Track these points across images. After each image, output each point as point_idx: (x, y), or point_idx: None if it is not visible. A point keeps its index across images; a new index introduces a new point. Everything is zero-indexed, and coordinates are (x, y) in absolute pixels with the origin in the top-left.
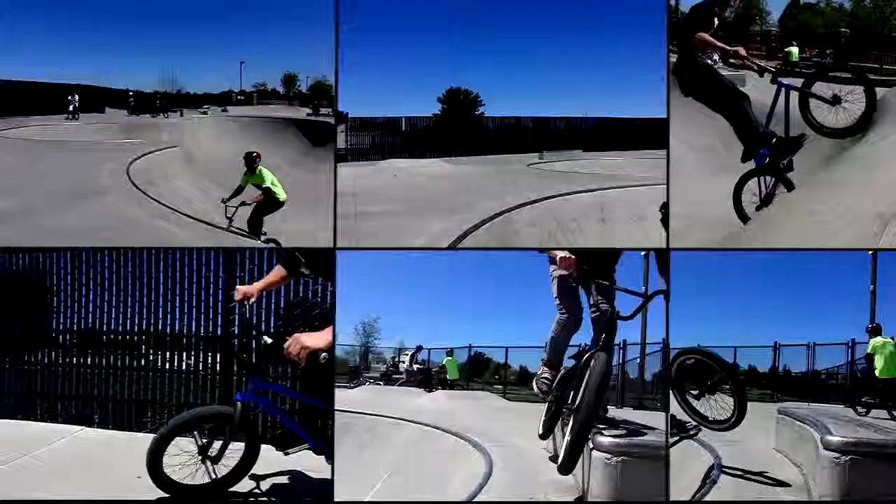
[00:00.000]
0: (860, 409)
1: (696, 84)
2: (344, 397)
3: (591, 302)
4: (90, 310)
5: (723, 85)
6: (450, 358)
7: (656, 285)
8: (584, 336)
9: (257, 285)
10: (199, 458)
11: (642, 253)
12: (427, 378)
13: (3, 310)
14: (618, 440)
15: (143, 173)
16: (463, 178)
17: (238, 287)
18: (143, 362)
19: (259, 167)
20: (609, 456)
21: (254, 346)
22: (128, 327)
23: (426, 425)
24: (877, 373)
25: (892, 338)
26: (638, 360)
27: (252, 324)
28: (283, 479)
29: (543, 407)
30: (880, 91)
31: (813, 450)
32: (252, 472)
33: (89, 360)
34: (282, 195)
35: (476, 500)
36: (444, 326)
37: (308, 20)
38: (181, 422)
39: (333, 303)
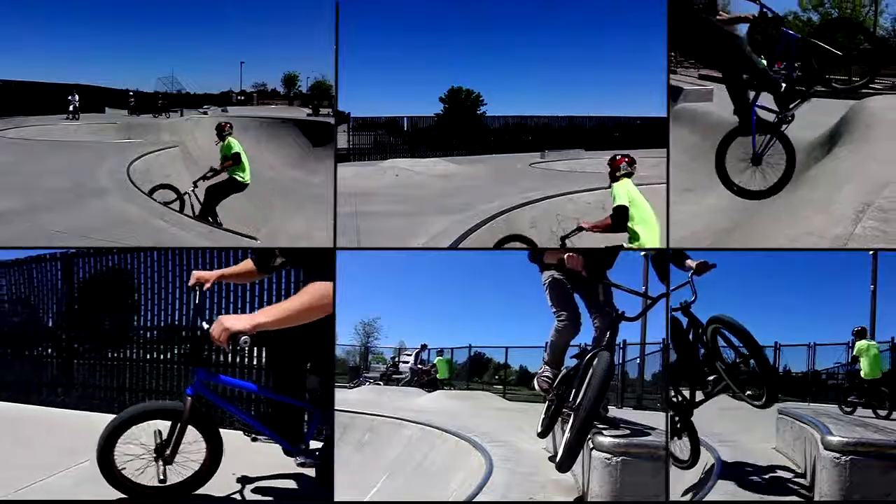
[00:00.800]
0: (846, 409)
1: (696, 43)
2: (344, 398)
3: (594, 302)
4: (176, 307)
5: (721, 34)
6: (440, 357)
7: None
8: (584, 336)
9: (215, 273)
10: (154, 457)
11: (642, 253)
12: (429, 378)
13: (93, 307)
14: (618, 440)
15: (143, 173)
16: (465, 178)
17: (195, 272)
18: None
19: (229, 138)
20: (609, 456)
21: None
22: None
23: (426, 425)
24: (862, 374)
25: None
26: (638, 361)
27: (203, 311)
28: (283, 480)
29: (543, 406)
30: (848, 103)
31: (813, 450)
32: (251, 472)
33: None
34: (246, 177)
35: (476, 500)
36: (444, 326)
37: (308, 21)
38: (127, 417)
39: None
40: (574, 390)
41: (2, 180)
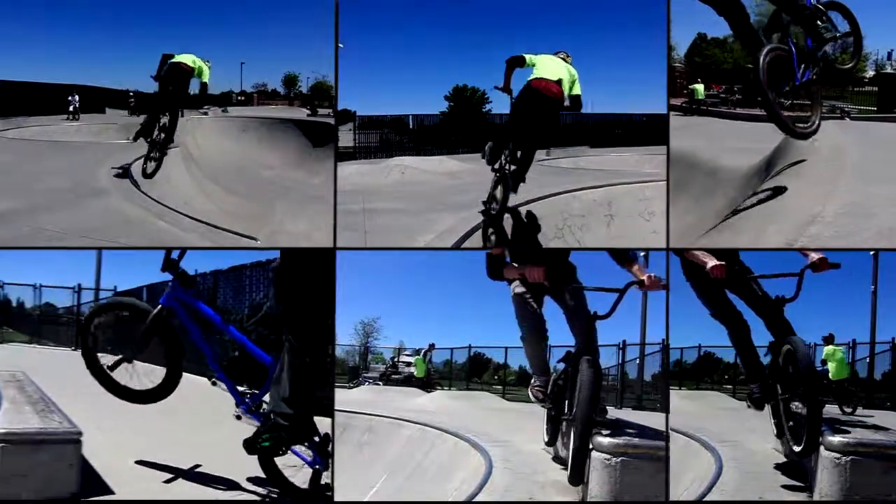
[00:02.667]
0: None
1: None
2: (344, 398)
3: (565, 308)
4: None
5: None
6: (418, 357)
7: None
8: (570, 337)
9: None
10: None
11: (642, 253)
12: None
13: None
14: (617, 440)
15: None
16: (470, 175)
17: None
18: None
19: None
20: (609, 456)
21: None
22: None
23: (425, 425)
24: (830, 375)
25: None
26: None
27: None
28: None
29: (544, 412)
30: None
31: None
32: (251, 473)
33: None
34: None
35: (476, 500)
36: (444, 326)
37: (309, 21)
38: (103, 304)
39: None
40: (567, 400)
41: (2, 180)
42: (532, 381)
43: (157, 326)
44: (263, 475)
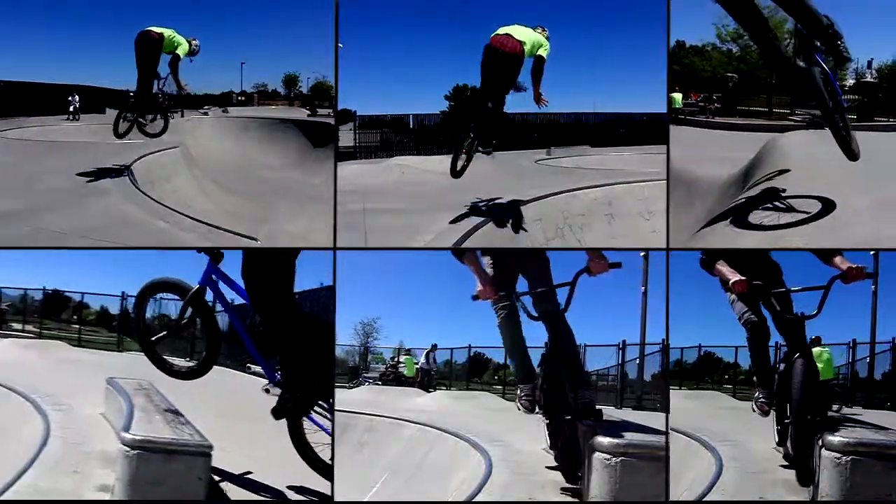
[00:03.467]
0: None
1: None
2: (343, 398)
3: (538, 311)
4: None
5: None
6: (408, 356)
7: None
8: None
9: None
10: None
11: (641, 254)
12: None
13: None
14: (617, 440)
15: (143, 174)
16: (471, 175)
17: None
18: None
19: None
20: (609, 456)
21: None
22: None
23: (425, 425)
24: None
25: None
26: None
27: None
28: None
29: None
30: (769, 134)
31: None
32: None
33: None
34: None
35: (476, 500)
36: (444, 326)
37: (309, 21)
38: (150, 283)
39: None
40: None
41: (2, 180)
42: (518, 391)
43: (195, 303)
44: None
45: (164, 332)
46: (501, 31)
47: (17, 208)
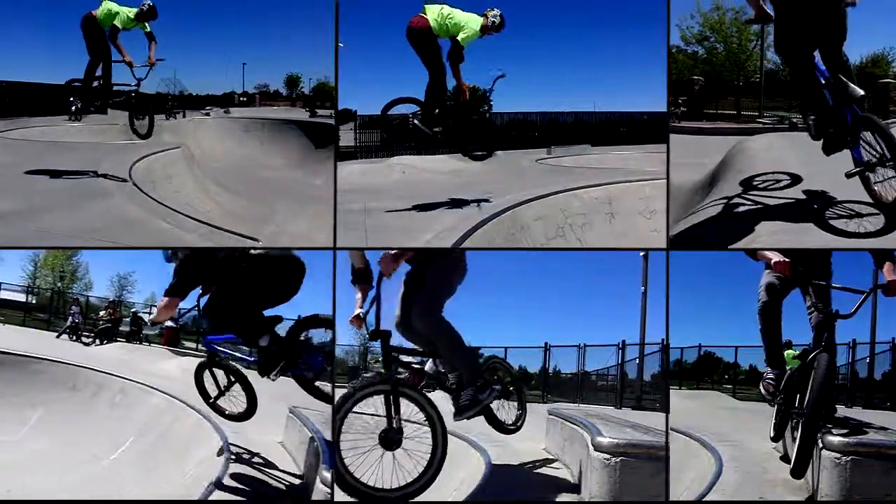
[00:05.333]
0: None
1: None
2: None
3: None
4: None
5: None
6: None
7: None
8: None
9: None
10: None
11: (641, 254)
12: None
13: None
14: (618, 440)
15: (144, 174)
16: (471, 175)
17: None
18: None
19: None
20: (608, 456)
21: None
22: None
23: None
24: None
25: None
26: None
27: None
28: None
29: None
30: (737, 138)
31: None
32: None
33: None
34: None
35: (480, 500)
36: None
37: (311, 22)
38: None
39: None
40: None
41: (4, 181)
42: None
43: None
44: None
45: (218, 394)
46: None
47: (20, 209)
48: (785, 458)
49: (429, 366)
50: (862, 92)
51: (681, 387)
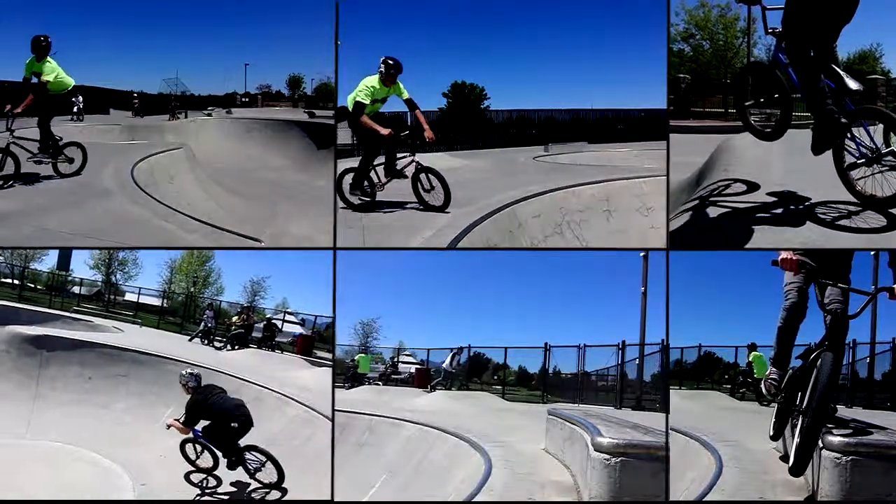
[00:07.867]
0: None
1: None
2: (342, 398)
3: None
4: None
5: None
6: (362, 354)
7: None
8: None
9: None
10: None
11: (641, 254)
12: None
13: None
14: (618, 440)
15: (146, 174)
16: (469, 172)
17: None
18: None
19: (48, 59)
20: (608, 456)
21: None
22: None
23: (425, 425)
24: (755, 374)
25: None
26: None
27: None
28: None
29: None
30: (724, 136)
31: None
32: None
33: None
34: (68, 82)
35: (476, 500)
36: (444, 326)
37: (312, 22)
38: None
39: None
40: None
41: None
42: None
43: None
44: None
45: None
46: None
47: (22, 209)
48: (784, 457)
49: (445, 364)
50: (857, 84)
51: (681, 387)
